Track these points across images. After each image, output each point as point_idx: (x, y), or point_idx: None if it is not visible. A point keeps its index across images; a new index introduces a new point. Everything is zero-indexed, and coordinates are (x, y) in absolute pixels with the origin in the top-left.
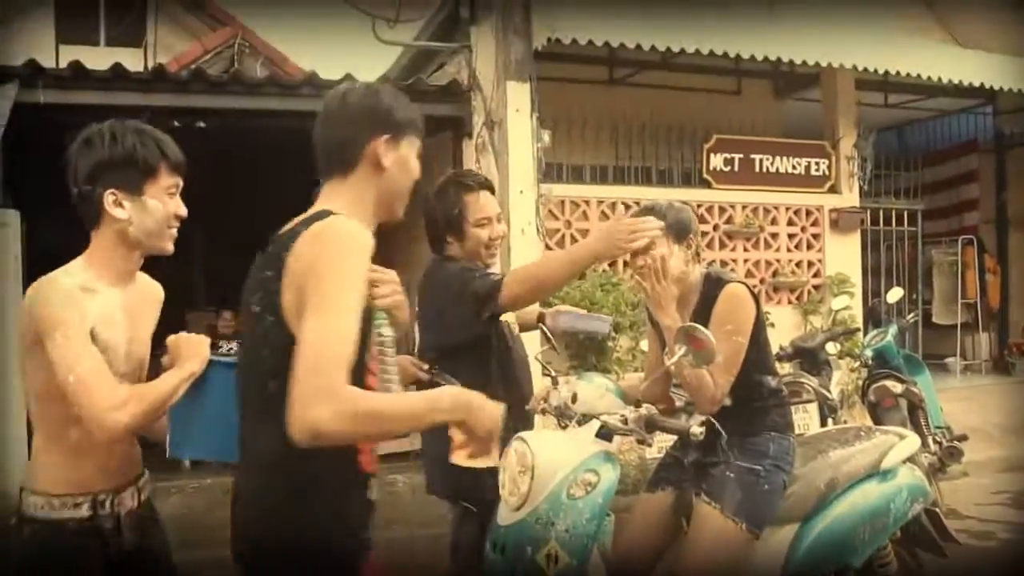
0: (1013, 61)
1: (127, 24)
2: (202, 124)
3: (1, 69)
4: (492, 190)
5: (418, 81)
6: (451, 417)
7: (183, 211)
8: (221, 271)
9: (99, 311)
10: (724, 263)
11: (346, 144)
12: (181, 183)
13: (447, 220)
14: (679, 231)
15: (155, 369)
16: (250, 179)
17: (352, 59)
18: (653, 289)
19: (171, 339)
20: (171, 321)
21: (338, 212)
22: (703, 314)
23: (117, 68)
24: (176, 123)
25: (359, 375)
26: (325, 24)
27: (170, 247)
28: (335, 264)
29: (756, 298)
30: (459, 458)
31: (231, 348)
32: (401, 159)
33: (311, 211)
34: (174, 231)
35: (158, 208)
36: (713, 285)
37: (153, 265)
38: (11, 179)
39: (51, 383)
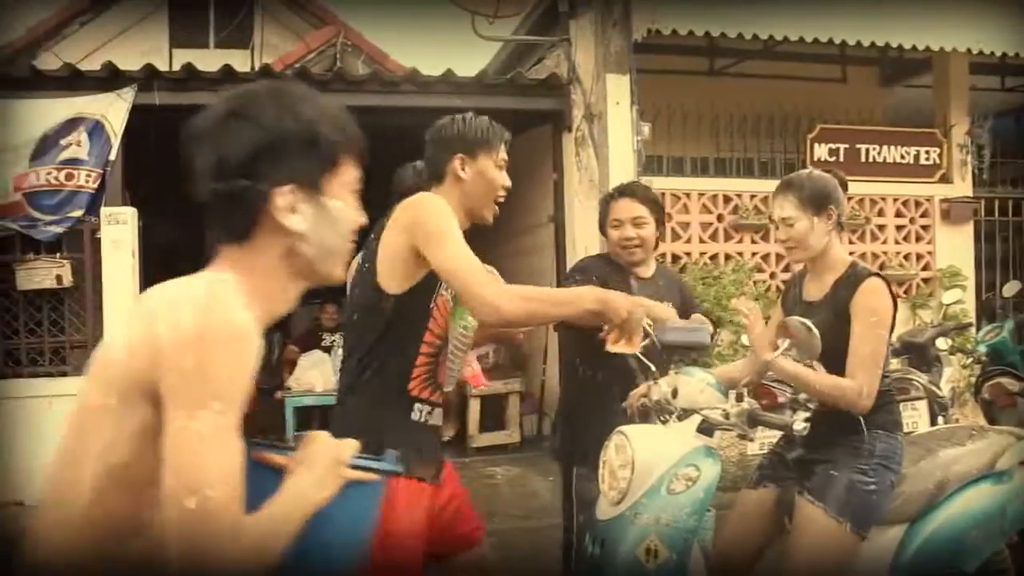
0: None
1: (235, 27)
2: None
3: (120, 73)
4: (635, 196)
5: (518, 75)
6: (594, 307)
7: (364, 220)
8: None
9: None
10: None
11: (435, 162)
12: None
13: (599, 222)
14: (818, 202)
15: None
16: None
17: (452, 55)
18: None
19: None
20: None
21: None
22: (835, 300)
23: (227, 69)
24: None
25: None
26: (425, 21)
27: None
28: (432, 216)
29: (893, 294)
30: (609, 345)
31: (334, 340)
32: (478, 172)
33: None
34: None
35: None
36: (855, 275)
37: None
38: (129, 178)
39: None
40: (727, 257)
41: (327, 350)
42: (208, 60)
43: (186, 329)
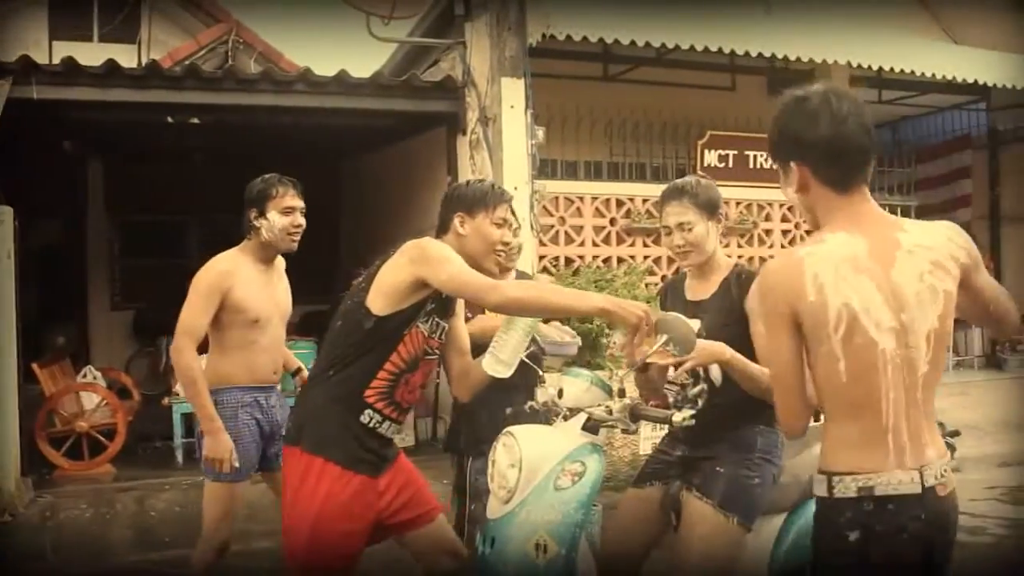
0: (1006, 57)
1: (120, 20)
2: (196, 120)
3: None
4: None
5: (412, 77)
6: (603, 304)
7: None
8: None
9: None
10: None
11: (441, 217)
12: None
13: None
14: (711, 207)
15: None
16: (245, 176)
17: (346, 55)
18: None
19: None
20: (166, 317)
21: None
22: (726, 299)
23: (110, 64)
24: (170, 119)
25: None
26: (320, 21)
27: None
28: (437, 248)
29: None
30: (637, 357)
31: None
32: (475, 228)
33: None
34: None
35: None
36: (744, 276)
37: (150, 261)
38: (3, 175)
39: None
40: (620, 260)
41: None
42: (91, 54)
43: None
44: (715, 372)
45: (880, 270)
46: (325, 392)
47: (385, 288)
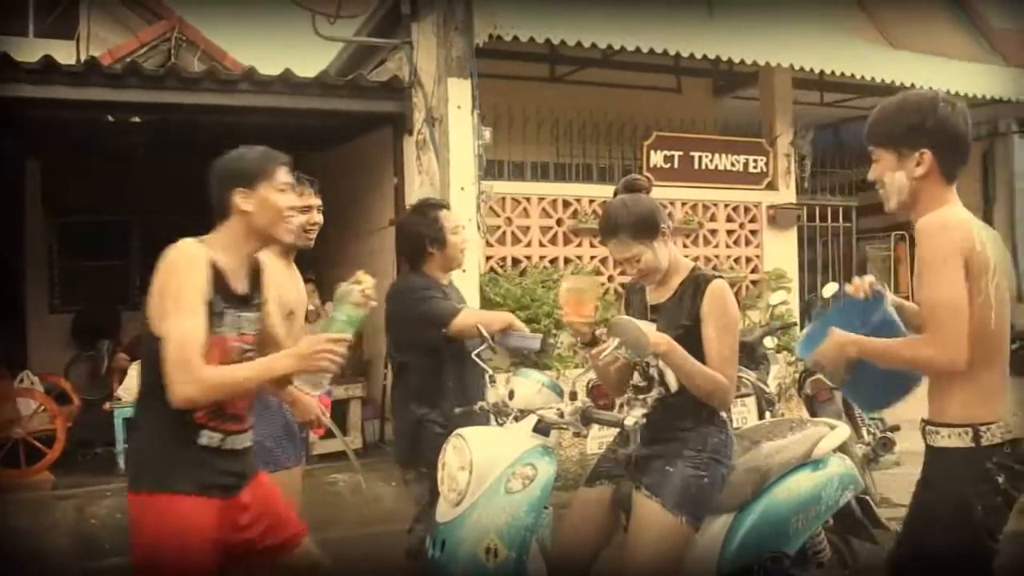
0: (941, 62)
1: (58, 16)
2: (137, 119)
3: None
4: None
5: (359, 77)
6: (287, 363)
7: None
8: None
9: None
10: None
11: (217, 200)
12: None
13: (430, 234)
14: (650, 230)
15: None
16: (187, 176)
17: (292, 54)
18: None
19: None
20: (107, 320)
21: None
22: (682, 303)
23: (47, 60)
24: (110, 118)
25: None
26: (265, 19)
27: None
28: (169, 277)
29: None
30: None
31: None
32: (260, 201)
33: None
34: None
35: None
36: (700, 279)
37: (89, 263)
38: None
39: None
40: (566, 261)
41: None
42: (27, 50)
43: None
44: (670, 376)
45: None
46: (154, 426)
47: (156, 309)
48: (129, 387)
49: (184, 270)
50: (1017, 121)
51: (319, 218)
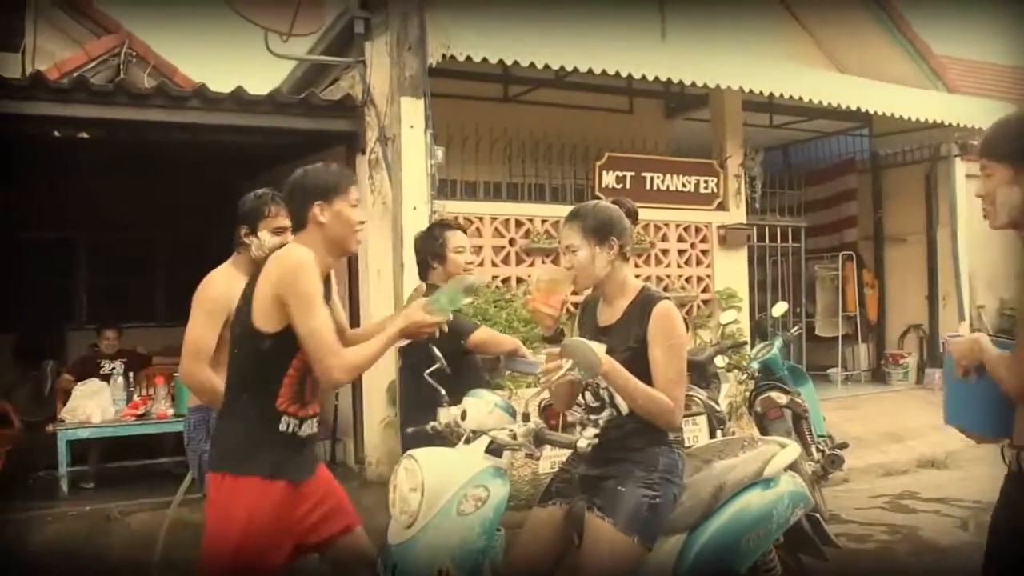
0: (886, 87)
1: (3, 28)
2: (85, 135)
3: None
4: (464, 231)
5: (311, 95)
6: (400, 325)
7: None
8: (103, 288)
9: None
10: None
11: (297, 211)
12: None
13: (432, 250)
14: (601, 233)
15: None
16: (135, 193)
17: (244, 72)
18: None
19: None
20: (51, 340)
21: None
22: (629, 324)
23: None
24: (57, 133)
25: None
26: (217, 35)
27: None
28: (299, 277)
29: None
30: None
31: (114, 367)
32: (335, 214)
33: None
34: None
35: None
36: (647, 301)
37: (33, 281)
38: None
39: None
40: (519, 280)
41: (106, 378)
42: None
43: None
44: (620, 397)
45: None
46: (241, 415)
47: (264, 307)
48: (73, 408)
49: (311, 272)
50: (958, 145)
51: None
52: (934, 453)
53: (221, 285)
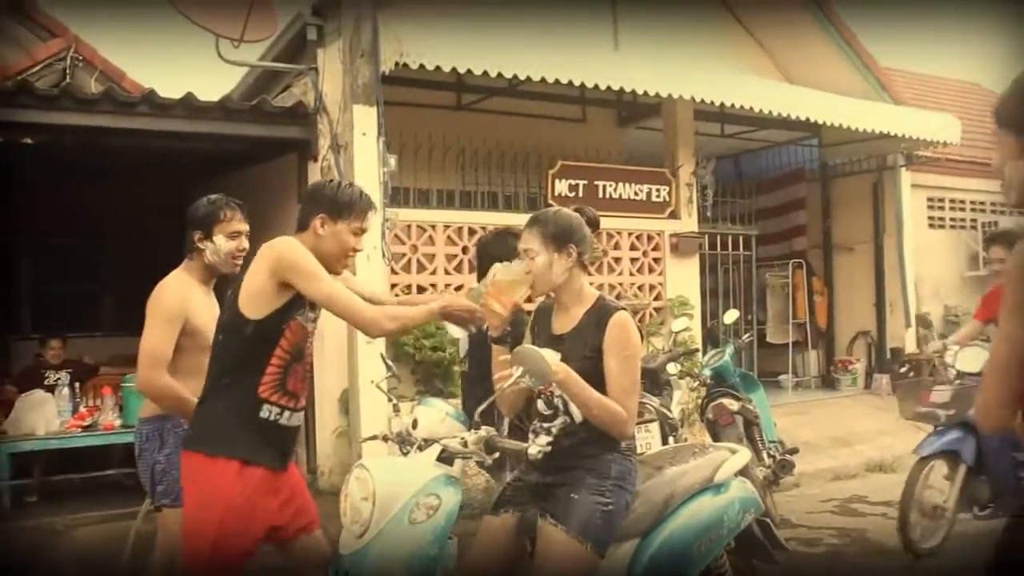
0: (834, 98)
1: None
2: (29, 140)
3: None
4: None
5: (263, 102)
6: (438, 307)
7: None
8: (47, 296)
9: None
10: None
11: (303, 213)
12: None
13: (504, 256)
14: (559, 239)
15: None
16: (82, 199)
17: (195, 77)
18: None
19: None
20: None
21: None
22: (585, 333)
23: None
24: None
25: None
26: (167, 40)
27: None
28: (299, 256)
29: (637, 325)
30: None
31: (59, 378)
32: (333, 232)
33: None
34: None
35: None
36: (603, 310)
37: None
38: None
39: None
40: (472, 289)
41: (51, 389)
42: None
43: None
44: (574, 405)
45: None
46: (221, 398)
47: (253, 293)
48: (16, 420)
49: (306, 251)
50: (904, 156)
51: (247, 245)
52: (882, 457)
53: (175, 291)
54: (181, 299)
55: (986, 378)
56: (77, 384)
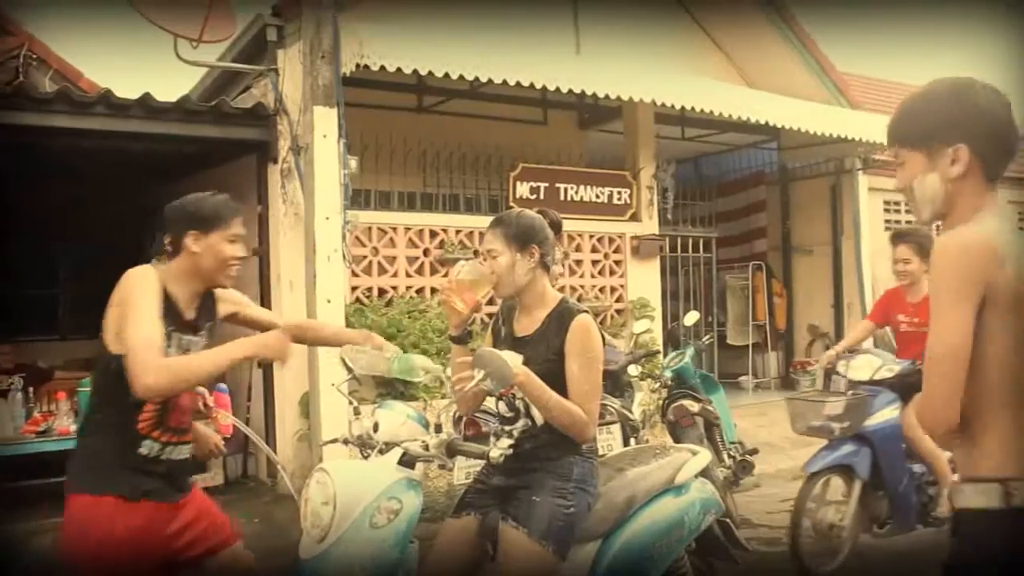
0: (793, 101)
1: None
2: None
3: None
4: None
5: (222, 103)
6: (245, 350)
7: None
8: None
9: None
10: None
11: (172, 236)
12: None
13: None
14: (522, 240)
15: None
16: (37, 201)
17: (153, 77)
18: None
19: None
20: None
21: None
22: (547, 336)
23: None
24: None
25: None
26: (124, 40)
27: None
28: (131, 291)
29: (599, 327)
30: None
31: (12, 382)
32: (208, 246)
33: None
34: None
35: None
36: (565, 313)
37: None
38: None
39: None
40: (433, 291)
41: (3, 394)
42: None
43: None
44: (536, 408)
45: None
46: (98, 434)
47: (112, 327)
48: None
49: (145, 290)
50: (861, 159)
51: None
52: None
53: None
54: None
55: (927, 381)
56: (31, 389)
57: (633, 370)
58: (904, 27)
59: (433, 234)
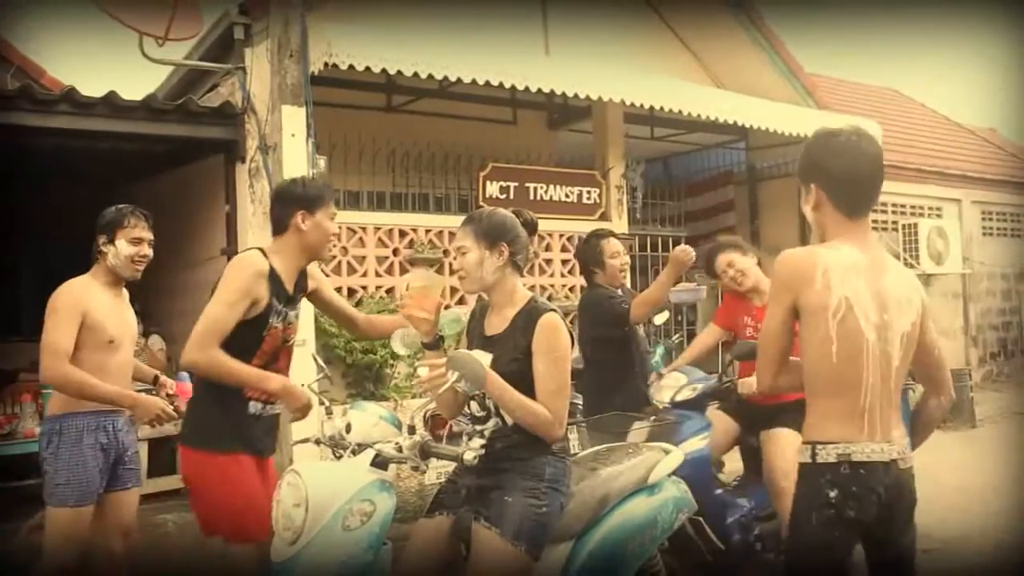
0: (761, 102)
1: None
2: None
3: None
4: (617, 237)
5: (189, 102)
6: (274, 388)
7: None
8: None
9: None
10: None
11: (279, 216)
12: None
13: (592, 258)
14: (491, 237)
15: None
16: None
17: (118, 75)
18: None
19: None
20: None
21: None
22: (515, 335)
23: None
24: None
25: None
26: (88, 37)
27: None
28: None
29: (568, 326)
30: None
31: None
32: (315, 224)
33: None
34: None
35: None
36: (533, 312)
37: None
38: None
39: None
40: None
41: None
42: None
43: None
44: None
45: (873, 277)
46: (209, 397)
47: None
48: None
49: (238, 270)
50: None
51: (149, 252)
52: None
53: (73, 289)
54: (78, 296)
55: (759, 360)
56: None
57: None
58: (871, 28)
59: (403, 234)
